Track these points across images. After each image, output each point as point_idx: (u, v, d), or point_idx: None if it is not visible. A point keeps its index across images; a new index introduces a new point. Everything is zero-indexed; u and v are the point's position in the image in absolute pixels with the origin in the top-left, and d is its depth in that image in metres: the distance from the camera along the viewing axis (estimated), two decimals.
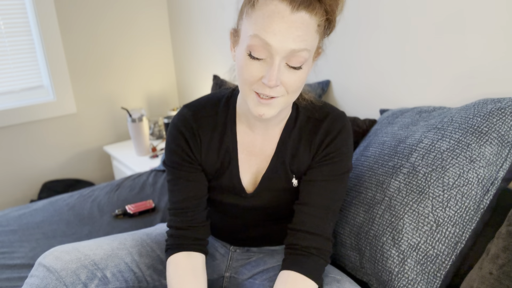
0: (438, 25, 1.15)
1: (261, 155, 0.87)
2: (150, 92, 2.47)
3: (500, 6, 1.01)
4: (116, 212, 1.41)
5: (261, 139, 0.86)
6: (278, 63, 0.68)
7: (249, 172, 0.88)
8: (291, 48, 0.67)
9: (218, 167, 0.87)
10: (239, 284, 0.97)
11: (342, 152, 0.83)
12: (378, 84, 1.37)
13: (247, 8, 0.71)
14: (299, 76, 0.71)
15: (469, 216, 0.87)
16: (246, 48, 0.70)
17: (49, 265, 0.81)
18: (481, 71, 1.09)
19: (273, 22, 0.66)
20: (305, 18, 0.67)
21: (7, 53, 1.99)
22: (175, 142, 0.85)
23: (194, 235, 0.86)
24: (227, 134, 0.86)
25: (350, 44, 1.42)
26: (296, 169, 0.86)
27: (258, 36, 0.67)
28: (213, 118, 0.86)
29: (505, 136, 0.88)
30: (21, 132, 2.09)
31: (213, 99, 0.88)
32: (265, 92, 0.71)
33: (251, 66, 0.70)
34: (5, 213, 1.44)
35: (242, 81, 0.73)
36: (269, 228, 0.96)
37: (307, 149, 0.85)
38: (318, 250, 0.80)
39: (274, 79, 0.68)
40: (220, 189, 0.90)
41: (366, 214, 0.97)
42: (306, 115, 0.86)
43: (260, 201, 0.89)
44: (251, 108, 0.74)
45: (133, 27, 2.30)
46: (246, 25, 0.70)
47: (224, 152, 0.87)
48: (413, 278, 0.86)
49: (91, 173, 2.37)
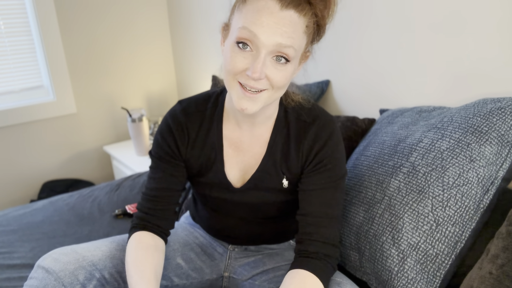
0: (438, 25, 1.15)
1: (249, 152, 0.88)
2: (150, 92, 2.47)
3: (500, 6, 1.01)
4: (116, 212, 1.41)
5: (248, 136, 0.88)
6: (263, 56, 0.69)
7: (236, 168, 0.89)
8: (277, 41, 0.68)
9: (204, 162, 0.89)
10: (239, 284, 0.97)
11: (335, 158, 0.84)
12: (378, 84, 1.37)
13: (238, 4, 0.73)
14: (284, 73, 0.72)
15: (469, 216, 0.87)
16: (234, 39, 0.71)
17: (48, 267, 0.81)
18: (481, 71, 1.09)
19: (262, 16, 0.68)
20: (293, 17, 0.68)
21: (7, 53, 1.99)
22: (162, 135, 0.89)
23: (158, 223, 0.89)
24: (213, 129, 0.88)
25: (350, 44, 1.42)
26: (287, 170, 0.87)
27: (247, 28, 0.68)
28: (202, 114, 0.89)
29: (505, 135, 0.88)
30: (21, 132, 2.09)
31: (205, 96, 0.91)
32: (249, 83, 0.71)
33: (236, 57, 0.71)
34: (5, 213, 1.44)
35: (227, 72, 0.74)
36: (262, 227, 0.97)
37: (296, 152, 0.85)
38: (327, 256, 0.81)
39: (258, 72, 0.69)
40: (207, 184, 0.92)
41: (366, 214, 0.97)
42: (295, 116, 0.86)
43: (249, 198, 0.90)
44: (234, 102, 0.74)
45: (133, 27, 2.30)
46: (236, 19, 0.72)
47: (210, 147, 0.89)
48: (412, 278, 0.86)
49: (91, 173, 2.37)
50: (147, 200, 0.90)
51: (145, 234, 0.87)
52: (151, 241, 0.86)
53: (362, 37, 1.38)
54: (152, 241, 0.86)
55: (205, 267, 0.98)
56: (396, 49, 1.28)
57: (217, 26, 2.04)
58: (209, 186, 0.92)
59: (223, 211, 0.95)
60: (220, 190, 0.91)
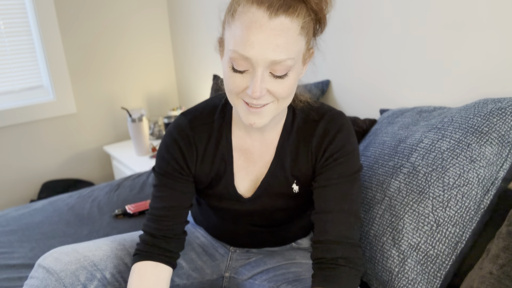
0: (438, 25, 1.15)
1: (260, 162, 0.85)
2: (150, 92, 2.47)
3: (500, 6, 1.01)
4: (116, 212, 1.41)
5: (259, 145, 0.85)
6: (260, 74, 0.67)
7: (246, 179, 0.86)
8: (271, 59, 0.65)
9: (213, 176, 0.86)
10: (239, 284, 0.97)
11: (347, 151, 0.79)
12: (378, 84, 1.37)
13: (228, 18, 0.70)
14: (286, 84, 0.70)
15: (469, 216, 0.87)
16: (228, 60, 0.69)
17: (49, 267, 0.81)
18: (482, 71, 1.09)
19: (251, 34, 0.64)
20: (285, 23, 0.65)
21: (7, 53, 1.99)
22: (168, 151, 0.84)
23: (166, 246, 0.84)
24: (223, 141, 0.85)
25: (350, 43, 1.42)
26: (298, 173, 0.84)
27: (237, 52, 0.66)
28: (210, 126, 0.85)
29: (505, 136, 0.88)
30: (21, 132, 2.09)
31: (210, 106, 0.87)
32: (252, 102, 0.70)
33: (234, 78, 0.69)
34: (5, 213, 1.44)
35: (228, 92, 0.72)
36: (268, 234, 0.96)
37: (306, 151, 0.82)
38: (346, 260, 0.75)
39: (258, 91, 0.67)
40: (216, 196, 0.88)
41: (366, 214, 0.97)
42: (303, 117, 0.83)
43: (257, 206, 0.88)
44: (242, 117, 0.74)
45: (133, 27, 2.30)
46: (227, 36, 0.70)
47: (220, 160, 0.85)
48: (413, 278, 0.86)
49: (91, 173, 2.37)
50: (153, 221, 0.84)
51: (148, 266, 0.82)
52: (152, 277, 0.81)
53: (363, 37, 1.38)
54: (153, 277, 0.81)
55: (206, 267, 0.98)
56: (396, 49, 1.28)
57: (217, 26, 2.04)
58: (218, 198, 0.89)
59: (228, 218, 0.94)
60: (229, 201, 0.88)
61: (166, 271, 0.84)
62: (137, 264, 0.82)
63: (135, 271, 0.82)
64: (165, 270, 0.84)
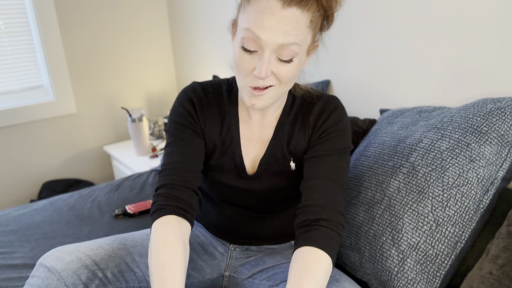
0: (438, 25, 1.16)
1: (259, 142, 0.90)
2: (150, 92, 2.47)
3: (500, 6, 1.01)
4: (116, 212, 1.41)
5: (259, 127, 0.90)
6: (268, 56, 0.72)
7: (247, 158, 0.90)
8: (280, 42, 0.70)
9: (219, 144, 0.90)
10: (239, 283, 0.97)
11: (339, 128, 0.85)
12: (378, 84, 1.37)
13: (244, 2, 0.75)
14: (290, 68, 0.75)
15: (468, 216, 0.87)
16: (240, 40, 0.74)
17: (50, 266, 0.81)
18: (481, 71, 1.09)
19: (264, 18, 0.70)
20: (296, 14, 0.70)
21: (7, 53, 1.99)
22: (183, 106, 0.88)
23: (187, 198, 0.81)
24: (230, 114, 0.89)
25: (350, 44, 1.42)
26: (294, 150, 0.88)
27: (250, 30, 0.71)
28: (219, 95, 0.91)
29: (504, 135, 0.88)
30: (21, 132, 2.09)
31: (217, 81, 0.93)
32: (258, 84, 0.75)
33: (243, 58, 0.74)
34: (5, 213, 1.44)
35: (238, 73, 0.78)
36: (265, 223, 0.97)
37: (302, 129, 0.87)
38: (327, 221, 0.76)
39: (264, 71, 0.72)
40: (220, 169, 0.91)
41: (366, 214, 0.97)
42: (301, 100, 0.89)
43: (259, 185, 0.91)
44: (244, 100, 0.79)
45: (133, 27, 2.30)
46: (241, 18, 0.75)
47: (226, 130, 0.89)
48: (412, 278, 0.86)
49: (91, 173, 2.37)
50: (171, 173, 0.82)
51: (171, 222, 0.77)
52: (178, 232, 0.76)
53: (362, 37, 1.38)
54: (179, 233, 0.77)
55: (206, 266, 0.98)
56: (396, 50, 1.29)
57: (217, 26, 2.04)
58: (221, 170, 0.91)
59: (230, 200, 0.95)
60: (231, 176, 0.91)
61: (188, 230, 0.81)
62: (161, 218, 0.78)
63: (158, 229, 0.76)
64: (188, 229, 0.81)
